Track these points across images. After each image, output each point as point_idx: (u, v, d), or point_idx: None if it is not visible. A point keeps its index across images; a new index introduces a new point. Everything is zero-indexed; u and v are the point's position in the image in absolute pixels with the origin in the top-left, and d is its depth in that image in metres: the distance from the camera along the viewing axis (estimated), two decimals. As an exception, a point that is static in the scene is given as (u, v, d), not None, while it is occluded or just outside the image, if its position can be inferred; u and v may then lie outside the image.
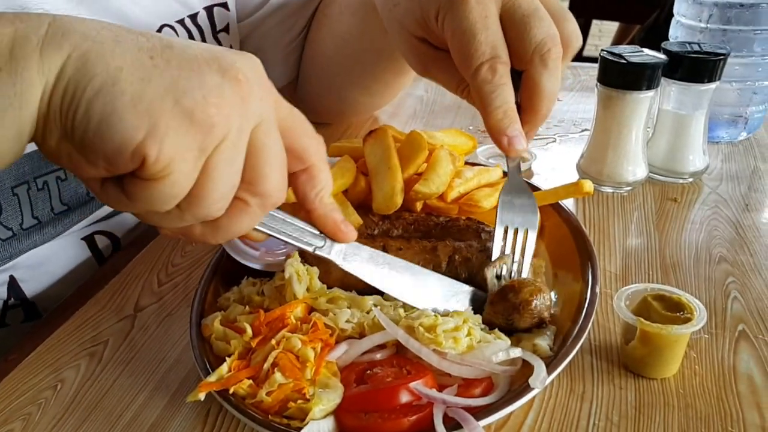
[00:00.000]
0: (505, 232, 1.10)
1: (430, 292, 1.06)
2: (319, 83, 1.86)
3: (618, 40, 6.22)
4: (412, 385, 0.91)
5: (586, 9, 5.44)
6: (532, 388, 0.90)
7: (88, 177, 0.76)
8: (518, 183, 1.11)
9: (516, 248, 1.09)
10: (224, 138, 0.74)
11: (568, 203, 1.36)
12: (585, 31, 5.57)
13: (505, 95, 1.01)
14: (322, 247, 0.99)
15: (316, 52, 1.81)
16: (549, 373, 0.92)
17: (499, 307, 1.02)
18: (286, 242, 0.96)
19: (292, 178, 0.91)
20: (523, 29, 1.01)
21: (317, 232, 0.98)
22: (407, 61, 1.22)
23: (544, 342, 0.99)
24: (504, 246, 1.09)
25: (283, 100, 0.87)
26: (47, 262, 1.33)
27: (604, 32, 8.26)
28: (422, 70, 1.20)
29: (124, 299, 1.24)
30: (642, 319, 0.99)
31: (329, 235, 0.98)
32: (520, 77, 1.05)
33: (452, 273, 1.09)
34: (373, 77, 1.78)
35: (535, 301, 1.00)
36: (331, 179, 0.94)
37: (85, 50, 0.69)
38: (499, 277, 1.08)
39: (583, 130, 1.87)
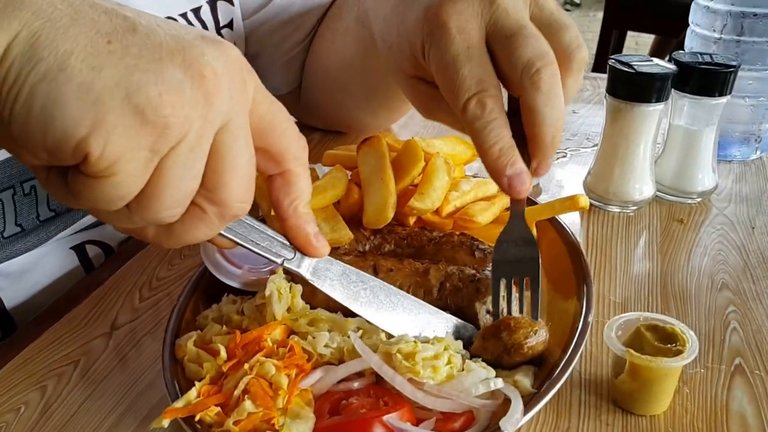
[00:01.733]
0: (505, 281, 1.03)
1: (405, 317, 1.01)
2: (322, 97, 1.83)
3: (653, 53, 6.14)
4: (386, 418, 0.87)
5: (621, 21, 5.35)
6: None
7: (32, 165, 0.71)
8: (520, 225, 1.03)
9: (516, 300, 1.03)
10: (181, 140, 0.68)
11: (574, 222, 1.32)
12: (620, 43, 5.46)
13: (498, 131, 0.92)
14: (291, 259, 0.94)
15: (318, 65, 1.77)
16: (528, 410, 0.88)
17: (490, 344, 0.97)
18: (252, 251, 0.90)
19: (268, 182, 0.87)
20: (508, 52, 0.93)
21: (288, 243, 0.93)
22: (412, 104, 1.15)
23: (525, 379, 0.95)
24: (508, 305, 1.03)
25: (265, 94, 0.80)
26: (31, 271, 1.30)
27: (641, 45, 8.04)
28: (426, 113, 1.12)
29: (102, 315, 1.20)
30: (631, 351, 0.95)
31: (299, 247, 0.93)
32: None
33: (442, 301, 1.05)
34: (378, 102, 1.75)
35: (529, 342, 0.95)
36: (310, 187, 0.90)
37: (36, 30, 0.63)
38: (490, 312, 1.03)
39: (595, 145, 1.80)
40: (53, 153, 0.66)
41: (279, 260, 0.93)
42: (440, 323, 1.03)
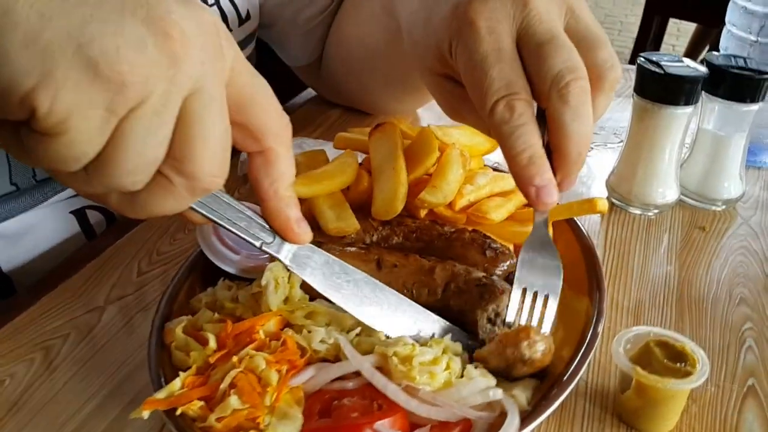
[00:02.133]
0: (524, 293, 0.98)
1: (389, 313, 0.96)
2: (344, 77, 1.78)
3: (695, 42, 6.04)
4: (377, 425, 0.83)
5: (663, 7, 5.24)
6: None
7: None
8: (543, 237, 0.99)
9: (534, 314, 0.98)
10: (142, 101, 0.62)
11: (593, 223, 1.27)
12: (661, 29, 5.36)
13: (527, 137, 0.87)
14: (270, 243, 0.88)
15: (342, 47, 1.73)
16: (524, 426, 0.83)
17: (507, 353, 0.91)
18: (229, 230, 0.85)
19: (249, 160, 0.81)
20: (537, 61, 0.88)
21: (268, 226, 0.87)
22: (436, 102, 1.09)
23: (522, 394, 0.90)
24: (521, 310, 0.98)
25: (246, 66, 0.74)
26: (28, 234, 1.27)
27: (682, 32, 7.89)
28: (452, 113, 1.07)
29: (97, 288, 1.17)
30: (638, 368, 0.90)
31: (279, 232, 0.87)
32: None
33: (445, 302, 1.00)
34: (403, 89, 1.70)
35: (543, 356, 0.90)
36: (293, 169, 0.83)
37: None
38: (492, 321, 0.98)
39: (621, 141, 1.74)
40: None
41: (257, 243, 0.87)
42: (427, 324, 0.98)
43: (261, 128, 0.78)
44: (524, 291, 0.98)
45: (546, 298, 0.98)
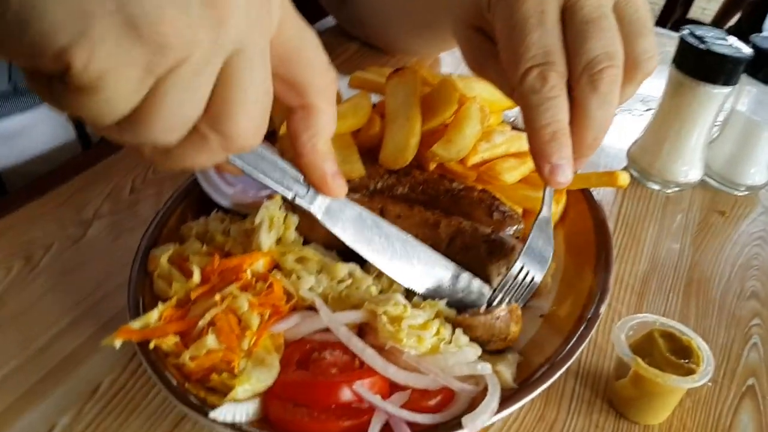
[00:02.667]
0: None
1: (420, 269, 0.92)
2: (369, 13, 1.71)
3: (726, 9, 5.91)
4: (356, 384, 0.79)
5: (697, -33, 5.13)
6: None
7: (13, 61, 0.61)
8: (545, 219, 0.95)
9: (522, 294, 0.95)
10: (182, 61, 0.58)
11: (607, 194, 1.22)
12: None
13: (555, 111, 0.82)
14: (304, 196, 0.84)
15: None
16: (502, 408, 0.79)
17: (480, 329, 0.88)
18: (261, 182, 0.80)
19: (288, 114, 0.78)
20: (578, 38, 0.82)
21: (301, 178, 0.83)
22: (462, 54, 1.03)
23: (507, 370, 0.86)
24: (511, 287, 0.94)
25: (294, 20, 0.71)
26: (22, 135, 1.23)
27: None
28: (476, 67, 1.00)
29: (87, 200, 1.13)
30: (639, 360, 0.86)
31: (314, 185, 0.83)
32: None
33: (450, 258, 0.96)
34: (432, 32, 1.61)
35: (513, 336, 0.89)
36: (333, 124, 0.79)
37: None
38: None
39: (648, 110, 1.68)
40: (30, 59, 0.56)
41: (290, 195, 0.83)
42: (461, 283, 0.94)
43: (304, 83, 0.74)
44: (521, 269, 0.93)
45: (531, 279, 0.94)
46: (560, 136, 0.83)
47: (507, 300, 0.93)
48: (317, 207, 0.85)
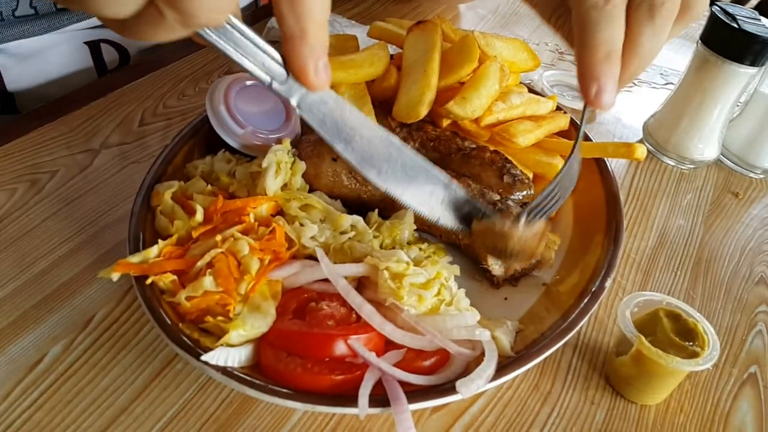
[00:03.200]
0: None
1: (401, 173, 0.84)
2: None
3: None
4: (351, 339, 0.78)
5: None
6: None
7: None
8: (577, 149, 0.91)
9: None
10: None
11: (619, 165, 1.19)
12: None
13: (612, 31, 0.79)
14: (283, 82, 0.74)
15: None
16: (504, 374, 0.78)
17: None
18: (237, 62, 0.72)
19: None
20: None
21: (281, 62, 0.74)
22: None
23: (505, 338, 0.85)
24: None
25: None
26: (38, 56, 1.21)
27: None
28: None
29: (96, 128, 1.12)
30: (642, 338, 0.84)
31: (295, 73, 0.72)
32: None
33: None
34: None
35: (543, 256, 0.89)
36: (327, 8, 0.68)
37: None
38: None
39: (667, 83, 1.66)
40: None
41: (267, 78, 0.74)
42: (438, 189, 0.86)
43: None
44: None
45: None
46: (614, 58, 0.80)
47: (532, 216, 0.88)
48: (295, 96, 0.77)
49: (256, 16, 1.55)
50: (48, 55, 1.23)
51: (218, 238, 0.83)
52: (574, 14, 0.81)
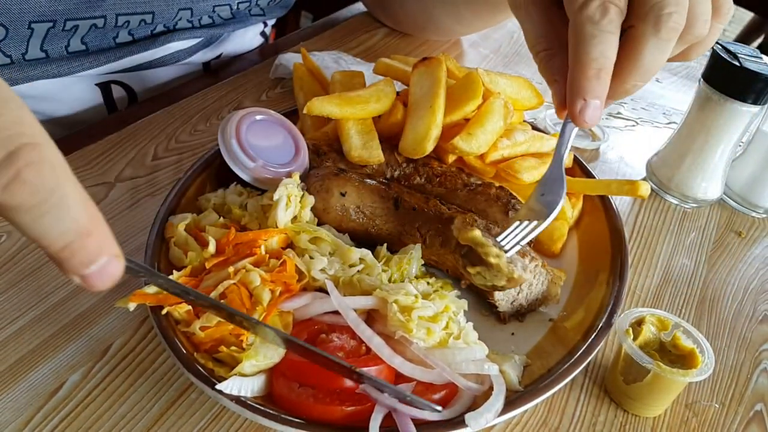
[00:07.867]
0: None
1: None
2: None
3: (748, 31, 5.86)
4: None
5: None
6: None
7: None
8: (556, 173, 0.92)
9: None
10: None
11: (623, 202, 1.20)
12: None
13: (606, 47, 0.79)
14: None
15: None
16: (506, 411, 0.79)
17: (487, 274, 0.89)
18: None
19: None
20: None
21: None
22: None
23: (513, 372, 0.86)
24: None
25: None
26: (51, 98, 1.24)
27: (736, 19, 7.65)
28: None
29: (111, 163, 1.13)
30: (661, 365, 0.86)
31: None
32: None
33: (457, 254, 0.94)
34: (466, 4, 1.60)
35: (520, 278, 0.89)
36: None
37: None
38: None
39: (670, 123, 1.67)
40: None
41: None
42: None
43: None
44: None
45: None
46: (604, 75, 0.80)
47: (512, 242, 0.89)
48: None
49: (264, 54, 1.57)
50: (62, 97, 1.26)
51: (231, 269, 0.85)
52: (571, 24, 0.82)
